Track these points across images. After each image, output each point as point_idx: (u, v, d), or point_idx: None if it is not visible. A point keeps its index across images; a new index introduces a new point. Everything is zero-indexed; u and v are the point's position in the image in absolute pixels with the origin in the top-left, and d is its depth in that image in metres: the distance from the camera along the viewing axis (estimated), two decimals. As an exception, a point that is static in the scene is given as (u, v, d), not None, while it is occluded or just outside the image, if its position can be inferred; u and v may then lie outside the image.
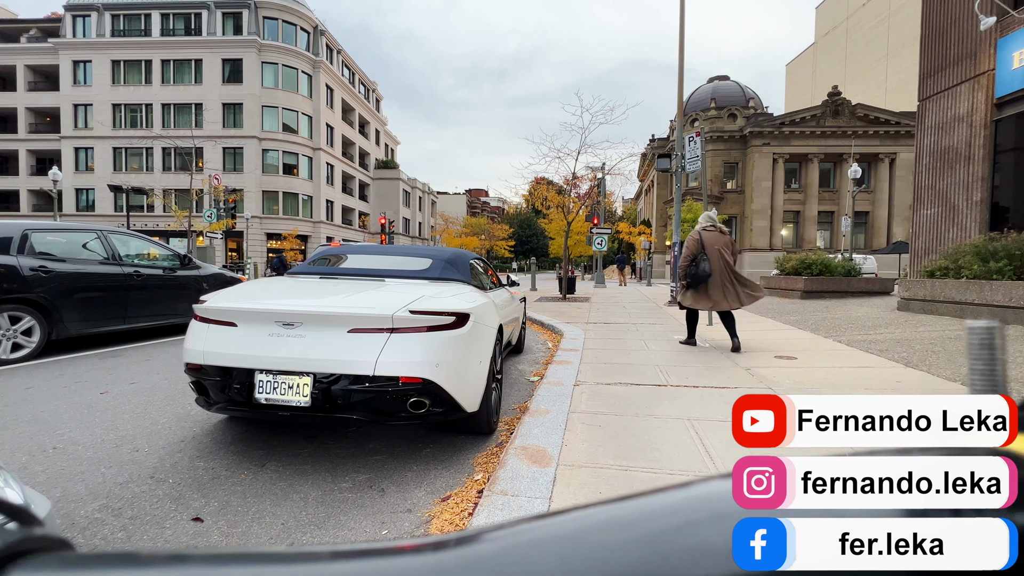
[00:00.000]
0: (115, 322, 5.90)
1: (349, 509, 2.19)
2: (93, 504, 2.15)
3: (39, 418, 3.24)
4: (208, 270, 7.40)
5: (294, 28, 38.77)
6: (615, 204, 57.94)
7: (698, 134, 7.78)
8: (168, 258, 6.90)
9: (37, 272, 5.15)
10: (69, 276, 5.44)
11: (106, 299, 5.81)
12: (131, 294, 6.06)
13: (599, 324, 7.71)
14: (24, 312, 5.05)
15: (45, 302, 5.18)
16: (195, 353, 2.55)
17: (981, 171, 8.69)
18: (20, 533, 0.30)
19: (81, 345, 5.80)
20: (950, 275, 7.45)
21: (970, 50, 8.90)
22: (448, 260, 3.73)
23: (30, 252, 5.19)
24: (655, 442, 2.69)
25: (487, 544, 0.29)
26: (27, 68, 38.76)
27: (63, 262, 5.45)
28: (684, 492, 0.30)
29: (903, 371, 4.29)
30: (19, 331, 5.02)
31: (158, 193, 34.37)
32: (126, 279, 6.02)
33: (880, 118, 33.15)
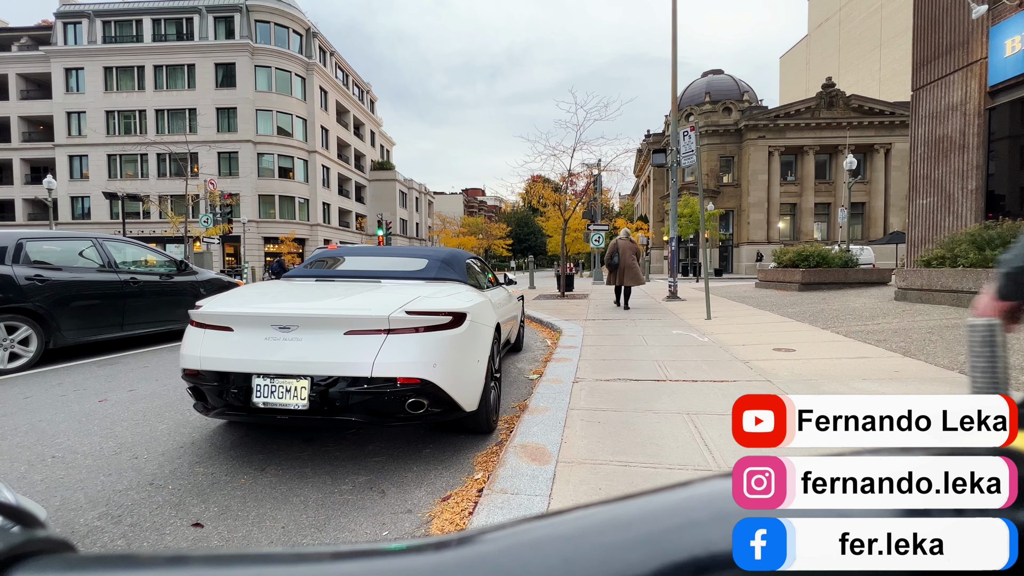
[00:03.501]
0: (112, 330, 5.89)
1: (350, 511, 2.19)
2: (92, 512, 2.15)
3: (37, 427, 3.24)
4: (205, 275, 7.38)
5: (286, 31, 38.65)
6: (612, 200, 57.89)
7: (692, 128, 7.78)
8: (164, 264, 6.89)
9: (33, 281, 5.14)
10: (65, 285, 5.43)
11: (103, 307, 5.79)
12: (128, 301, 6.04)
13: (597, 321, 7.71)
14: (21, 322, 5.03)
15: (42, 311, 5.16)
16: (192, 359, 2.55)
17: (976, 159, 8.71)
18: (23, 535, 0.30)
19: (79, 353, 5.78)
20: (946, 264, 7.47)
21: (962, 39, 8.91)
22: (444, 260, 3.72)
23: (25, 261, 5.17)
24: (654, 437, 2.69)
25: (488, 544, 0.29)
26: (19, 77, 38.59)
27: (59, 271, 5.44)
28: (684, 492, 0.31)
29: (901, 360, 4.30)
30: (16, 341, 4.99)
31: (154, 199, 34.29)
32: (123, 286, 6.01)
33: (875, 109, 33.19)
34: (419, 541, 0.30)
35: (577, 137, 12.94)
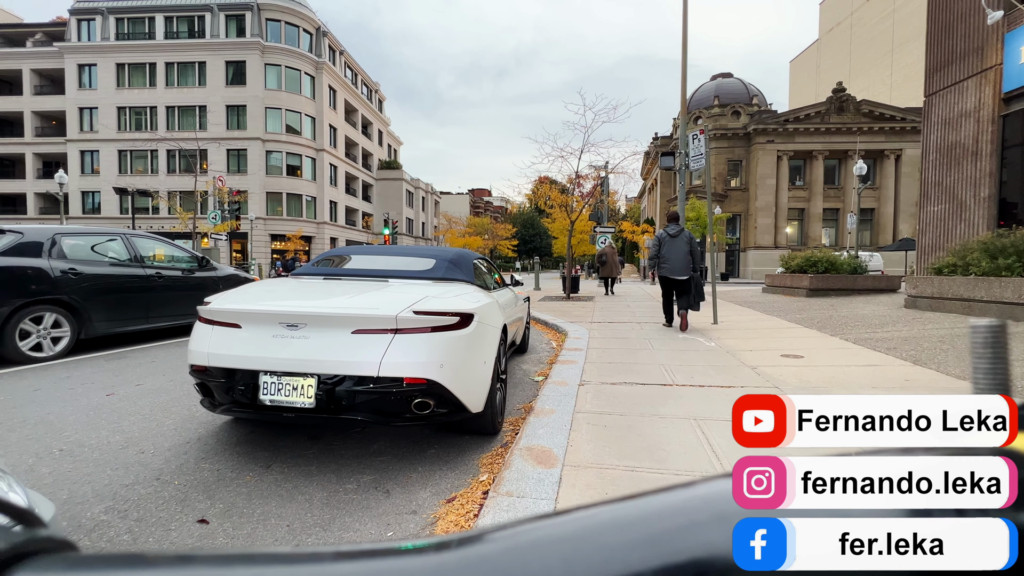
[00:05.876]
0: (138, 321, 6.11)
1: (354, 511, 2.19)
2: (99, 506, 2.16)
3: (46, 420, 3.26)
4: (224, 271, 7.60)
5: (297, 30, 38.88)
6: (618, 203, 57.79)
7: (702, 131, 7.73)
8: (186, 260, 7.13)
9: (67, 274, 5.40)
10: (97, 278, 5.70)
11: (131, 300, 6.06)
12: (153, 295, 6.29)
13: (603, 323, 7.68)
14: (56, 312, 5.31)
15: (75, 303, 5.44)
16: (200, 355, 2.55)
17: (989, 167, 8.59)
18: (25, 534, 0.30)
19: (89, 347, 5.83)
20: (958, 272, 7.38)
21: (977, 45, 8.80)
22: (452, 260, 3.72)
23: (60, 256, 5.44)
24: (661, 442, 2.67)
25: (489, 544, 0.29)
26: (33, 72, 39.05)
27: (91, 265, 5.71)
28: (684, 492, 0.30)
29: (911, 369, 4.25)
30: (51, 330, 5.28)
31: (163, 195, 34.55)
32: (148, 280, 6.26)
33: (885, 114, 32.90)
34: (420, 541, 0.30)
35: (585, 139, 12.90)
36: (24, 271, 5.12)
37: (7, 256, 5.05)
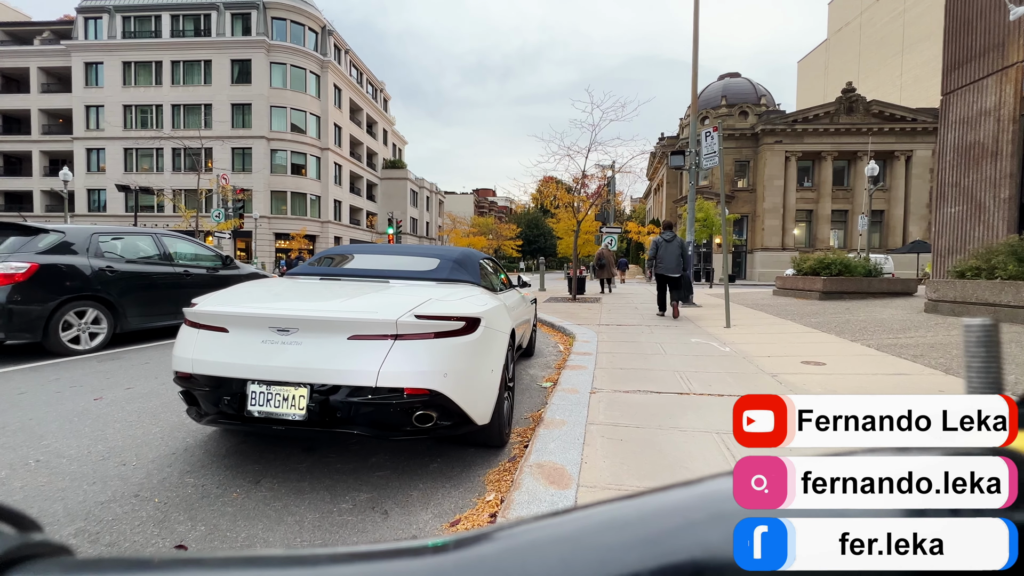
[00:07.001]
0: (168, 317, 6.30)
1: (349, 534, 1.99)
2: (70, 527, 1.96)
3: (27, 426, 3.08)
4: (246, 270, 7.71)
5: (302, 28, 38.84)
6: (624, 203, 57.39)
7: (715, 129, 7.50)
8: (211, 258, 7.32)
9: (104, 272, 5.67)
10: (131, 275, 5.97)
11: (161, 296, 6.31)
12: (182, 291, 6.40)
13: (612, 326, 7.46)
14: (95, 308, 5.57)
15: (112, 299, 5.71)
16: (183, 361, 2.36)
17: (1009, 167, 8.31)
18: (19, 538, 0.29)
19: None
20: (982, 276, 7.11)
21: (998, 41, 8.52)
22: (456, 260, 3.51)
23: (97, 254, 5.70)
24: (682, 459, 2.46)
25: (486, 546, 0.29)
26: (40, 70, 39.22)
27: (126, 262, 5.98)
28: (684, 492, 0.30)
29: (944, 379, 4.00)
30: (90, 325, 5.54)
31: (168, 193, 34.56)
32: (178, 278, 6.55)
33: (896, 115, 32.48)
34: (418, 543, 0.29)
35: (592, 137, 12.64)
36: (68, 269, 5.37)
37: (51, 255, 5.28)
